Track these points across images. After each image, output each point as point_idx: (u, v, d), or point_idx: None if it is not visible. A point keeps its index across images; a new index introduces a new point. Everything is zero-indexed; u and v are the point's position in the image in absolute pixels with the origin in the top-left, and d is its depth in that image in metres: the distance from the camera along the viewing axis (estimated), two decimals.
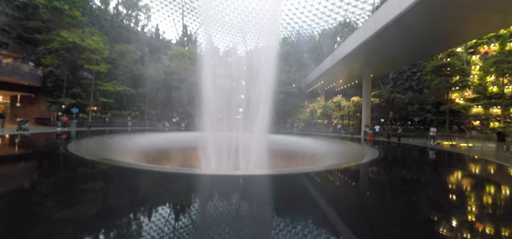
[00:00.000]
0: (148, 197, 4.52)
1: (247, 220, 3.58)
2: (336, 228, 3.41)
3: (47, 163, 7.89)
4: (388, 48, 21.76)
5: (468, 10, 14.87)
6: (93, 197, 4.45)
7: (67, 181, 5.53)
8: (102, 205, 4.05)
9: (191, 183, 5.96)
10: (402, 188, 6.36)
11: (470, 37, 21.01)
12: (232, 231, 3.02)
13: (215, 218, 3.50)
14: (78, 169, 7.06)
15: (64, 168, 7.14)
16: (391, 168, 9.44)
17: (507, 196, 5.68)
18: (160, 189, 5.22)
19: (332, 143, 17.11)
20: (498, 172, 8.62)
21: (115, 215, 3.51)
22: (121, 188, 5.18)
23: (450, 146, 18.07)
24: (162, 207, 3.95)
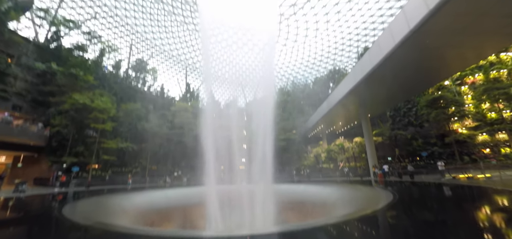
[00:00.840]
0: None
1: None
2: None
3: (37, 229, 7.25)
4: (378, 89, 22.66)
5: (444, 49, 16.00)
6: None
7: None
8: None
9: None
10: (429, 232, 5.67)
11: (453, 71, 22.09)
12: None
13: None
14: (70, 235, 6.45)
15: (55, 234, 6.52)
16: (411, 211, 8.65)
17: None
18: None
19: (342, 188, 16.19)
20: None
21: None
22: None
23: (467, 179, 17.06)
24: None
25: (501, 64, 30.18)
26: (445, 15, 12.43)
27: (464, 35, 14.22)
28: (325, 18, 50.35)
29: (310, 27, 53.90)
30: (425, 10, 12.52)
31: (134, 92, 42.89)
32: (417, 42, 14.71)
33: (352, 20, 47.96)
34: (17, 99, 28.60)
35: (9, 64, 26.96)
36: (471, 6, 11.89)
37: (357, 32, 49.47)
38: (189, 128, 36.90)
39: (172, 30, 53.89)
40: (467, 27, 13.48)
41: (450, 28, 13.51)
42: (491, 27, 13.63)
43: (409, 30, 13.85)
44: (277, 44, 59.72)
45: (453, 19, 12.77)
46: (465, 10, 12.15)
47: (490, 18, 12.75)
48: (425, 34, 13.90)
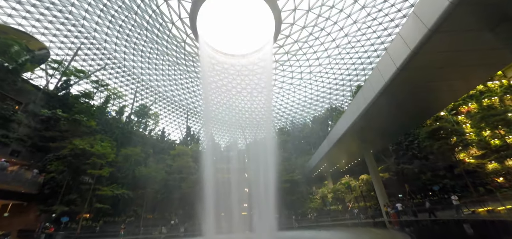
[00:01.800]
0: None
1: None
2: None
3: None
4: (376, 124, 22.71)
5: (433, 83, 16.52)
6: None
7: None
8: None
9: None
10: None
11: (446, 102, 22.39)
12: None
13: None
14: None
15: None
16: None
17: None
18: None
19: (355, 234, 14.81)
20: None
21: None
22: None
23: (487, 212, 15.79)
24: None
25: (491, 92, 30.97)
26: (427, 53, 13.08)
27: (449, 68, 14.83)
28: (317, 62, 53.53)
29: (304, 71, 56.89)
30: (407, 51, 13.23)
31: (135, 137, 42.73)
32: (406, 78, 15.22)
33: (342, 62, 50.95)
34: (17, 145, 27.85)
35: (16, 111, 27.19)
36: (450, 44, 12.63)
37: (348, 72, 52.02)
38: (189, 172, 35.76)
39: (175, 78, 56.64)
40: (450, 61, 14.13)
41: (435, 63, 14.12)
42: (474, 60, 14.32)
43: (396, 69, 14.47)
44: (274, 87, 62.20)
45: (435, 56, 13.45)
46: (445, 48, 12.86)
47: (471, 53, 13.50)
48: (412, 70, 14.45)
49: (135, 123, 48.55)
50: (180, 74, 56.20)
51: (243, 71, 60.05)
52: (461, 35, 12.03)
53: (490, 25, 11.60)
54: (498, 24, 11.51)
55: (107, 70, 44.76)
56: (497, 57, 13.82)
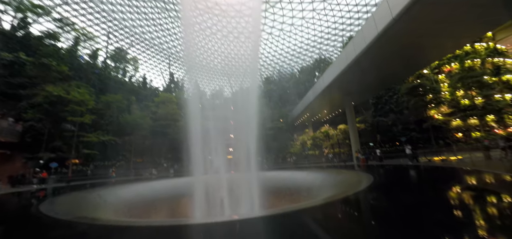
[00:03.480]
0: None
1: None
2: None
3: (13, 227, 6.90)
4: (362, 77, 23.30)
5: (425, 38, 16.68)
6: None
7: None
8: None
9: (184, 235, 5.35)
10: (405, 208, 6.08)
11: (431, 59, 23.25)
12: None
13: None
14: (50, 232, 6.21)
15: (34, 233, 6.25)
16: (391, 191, 9.19)
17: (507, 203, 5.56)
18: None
19: (327, 173, 16.80)
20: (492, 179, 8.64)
21: None
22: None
23: (441, 161, 18.32)
24: None
25: (476, 53, 31.93)
26: (425, 5, 12.84)
27: (443, 24, 14.83)
28: (311, 6, 50.26)
29: (296, 16, 53.69)
30: None
31: (114, 84, 40.98)
32: (399, 30, 15.13)
33: (337, 8, 48.28)
34: None
35: None
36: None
37: (343, 21, 49.99)
38: (175, 119, 36.13)
39: (152, 17, 51.45)
40: (445, 16, 14.06)
41: (430, 17, 14.01)
42: (467, 17, 14.31)
43: (391, 18, 14.19)
44: (263, 32, 59.10)
45: (432, 8, 13.22)
46: (443, 0, 12.62)
47: (465, 8, 13.35)
48: (407, 22, 14.32)
49: (113, 68, 45.71)
50: (159, 13, 50.98)
51: (230, 12, 55.54)
52: None
53: None
54: None
55: (70, 6, 39.41)
56: (494, 14, 13.81)
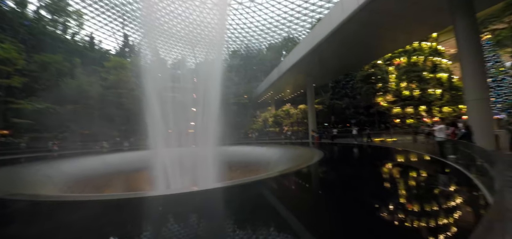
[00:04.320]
0: (87, 235, 3.77)
1: None
2: (294, 229, 3.55)
3: None
4: (325, 60, 24.72)
5: (384, 30, 18.36)
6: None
7: None
8: None
9: (140, 208, 5.30)
10: (347, 176, 7.14)
11: (386, 51, 25.96)
12: None
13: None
14: None
15: None
16: (337, 164, 10.54)
17: (423, 177, 7.01)
18: (101, 221, 4.43)
19: (284, 149, 18.05)
20: (415, 158, 10.62)
21: None
22: (47, 227, 4.16)
23: (380, 142, 21.34)
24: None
25: (421, 51, 36.34)
26: None
27: (400, 19, 16.45)
28: None
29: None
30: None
31: (52, 41, 34.66)
32: (362, 19, 16.18)
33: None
34: None
35: None
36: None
37: (314, 1, 50.35)
38: (129, 88, 33.01)
39: None
40: (402, 12, 15.57)
41: (391, 10, 15.31)
42: (423, 17, 16.17)
43: (358, 6, 15.06)
44: (232, 1, 56.09)
45: (394, 4, 14.47)
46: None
47: (423, 8, 15.02)
48: (370, 12, 15.38)
49: (49, 22, 38.21)
50: None
51: None
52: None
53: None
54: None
55: None
56: (440, 18, 15.71)
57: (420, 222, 3.74)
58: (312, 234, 3.38)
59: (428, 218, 3.90)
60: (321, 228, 3.61)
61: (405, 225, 3.66)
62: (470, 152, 8.15)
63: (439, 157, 9.53)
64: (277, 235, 3.33)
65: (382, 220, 3.88)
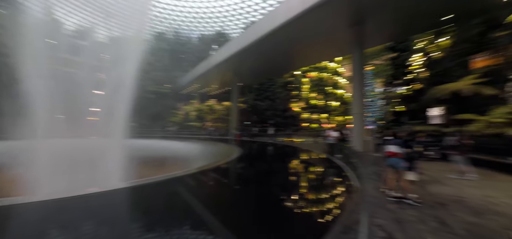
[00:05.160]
0: None
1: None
2: (209, 226, 3.69)
3: None
4: (253, 62, 26.36)
5: (303, 45, 21.45)
6: None
7: None
8: None
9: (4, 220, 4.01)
10: (261, 174, 7.93)
11: (302, 65, 30.42)
12: None
13: None
14: None
15: None
16: (253, 160, 11.48)
17: (317, 170, 8.70)
18: None
19: (205, 145, 17.98)
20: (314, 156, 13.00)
21: None
22: None
23: (290, 141, 24.75)
24: None
25: (327, 69, 44.22)
26: (310, 21, 16.24)
27: (316, 38, 19.58)
28: None
29: None
30: (301, 7, 15.44)
31: None
32: (288, 31, 18.10)
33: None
34: None
35: None
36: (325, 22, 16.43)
37: (250, 4, 51.37)
38: None
39: None
40: (320, 34, 18.57)
41: (311, 30, 17.88)
42: (332, 41, 19.84)
43: (285, 20, 16.78)
44: None
45: (313, 24, 16.87)
46: (321, 22, 16.49)
47: (333, 35, 18.38)
48: (294, 27, 17.43)
49: None
50: None
51: None
52: (332, 20, 16.07)
53: (350, 22, 16.17)
54: (355, 25, 16.20)
55: None
56: (345, 46, 19.28)
57: (312, 203, 4.77)
58: (227, 229, 3.66)
59: (318, 199, 5.05)
60: (236, 222, 3.96)
61: (301, 206, 4.61)
62: (348, 153, 10.86)
63: (330, 155, 12.11)
64: (190, 234, 3.39)
65: (286, 207, 4.68)
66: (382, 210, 4.57)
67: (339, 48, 22.11)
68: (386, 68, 28.41)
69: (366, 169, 8.27)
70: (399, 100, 25.06)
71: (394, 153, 5.24)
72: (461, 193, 5.99)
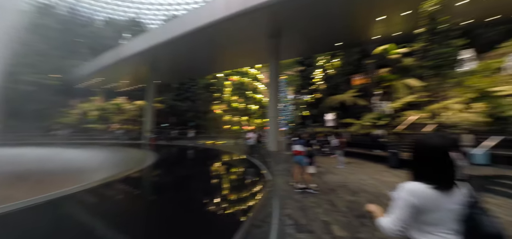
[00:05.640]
0: None
1: None
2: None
3: None
4: (169, 61, 24.60)
5: (225, 50, 21.84)
6: None
7: None
8: None
9: None
10: (180, 179, 7.40)
11: (225, 68, 30.89)
12: None
13: None
14: None
15: None
16: (171, 166, 10.59)
17: (237, 170, 8.99)
18: None
19: (111, 152, 15.09)
20: (235, 157, 13.38)
21: None
22: None
23: (212, 144, 24.52)
24: None
25: (248, 75, 46.64)
26: (233, 26, 16.59)
27: (239, 44, 20.28)
28: None
29: None
30: (225, 12, 15.61)
31: None
32: (215, 32, 17.92)
33: None
34: None
35: None
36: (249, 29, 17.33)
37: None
38: None
39: None
40: (242, 40, 19.33)
41: (236, 36, 18.47)
42: (253, 49, 20.95)
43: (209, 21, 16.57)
44: None
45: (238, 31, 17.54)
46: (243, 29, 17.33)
47: (254, 43, 19.50)
48: (219, 31, 17.49)
49: None
50: None
51: None
52: (253, 30, 17.20)
53: (269, 34, 17.62)
54: (272, 37, 17.77)
55: None
56: (263, 56, 20.65)
57: (230, 202, 4.89)
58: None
59: (236, 198, 5.24)
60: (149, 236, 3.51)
61: (220, 206, 4.63)
62: (264, 153, 11.89)
63: (249, 156, 12.85)
64: None
65: (204, 209, 4.57)
66: (291, 201, 5.30)
67: (259, 57, 24.11)
68: (296, 79, 33.31)
69: (279, 167, 9.38)
70: (305, 106, 29.87)
71: (299, 151, 6.21)
72: (345, 179, 7.78)
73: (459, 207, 1.10)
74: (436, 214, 1.12)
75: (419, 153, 1.23)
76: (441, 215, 1.12)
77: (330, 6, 14.63)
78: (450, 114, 11.29)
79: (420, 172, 1.19)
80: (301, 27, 17.41)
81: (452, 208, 1.12)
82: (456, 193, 1.13)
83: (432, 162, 1.16)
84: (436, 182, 1.12)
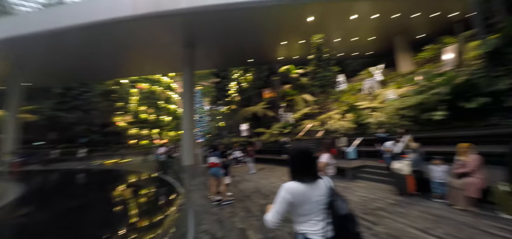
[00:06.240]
0: None
1: None
2: None
3: None
4: (48, 58, 19.04)
5: (131, 52, 19.14)
6: None
7: None
8: None
9: None
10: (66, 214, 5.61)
11: (132, 73, 27.23)
12: None
13: None
14: None
15: None
16: (48, 200, 7.91)
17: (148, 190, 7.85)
18: None
19: None
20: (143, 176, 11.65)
21: None
22: None
23: (113, 163, 20.38)
24: None
25: (160, 83, 42.33)
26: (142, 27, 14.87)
27: (147, 49, 18.22)
28: None
29: None
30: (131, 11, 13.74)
31: None
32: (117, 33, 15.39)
33: None
34: None
35: None
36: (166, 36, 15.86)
37: None
38: None
39: None
40: (156, 45, 17.56)
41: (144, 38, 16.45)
42: (168, 57, 19.48)
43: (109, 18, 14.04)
44: None
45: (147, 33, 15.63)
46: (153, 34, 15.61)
47: (169, 50, 18.17)
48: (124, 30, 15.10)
49: None
50: None
51: None
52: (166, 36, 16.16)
53: (183, 43, 16.97)
54: (186, 46, 17.11)
55: None
56: (177, 64, 19.45)
57: (140, 229, 4.17)
58: None
59: (147, 223, 4.53)
60: None
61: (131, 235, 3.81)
62: (178, 168, 11.09)
63: (160, 173, 11.59)
64: None
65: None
66: (207, 215, 5.18)
67: (172, 65, 22.71)
68: (211, 90, 33.41)
69: (195, 181, 9.01)
70: (221, 117, 30.38)
71: (214, 163, 6.22)
72: (257, 184, 8.40)
73: (323, 197, 1.47)
74: (307, 206, 1.45)
75: (291, 158, 1.56)
76: (310, 206, 1.45)
77: (240, 24, 15.96)
78: (332, 122, 14.60)
79: (293, 172, 1.51)
80: (215, 40, 17.89)
81: (318, 199, 1.47)
82: (321, 186, 1.50)
83: (300, 164, 1.49)
84: (304, 179, 1.44)
